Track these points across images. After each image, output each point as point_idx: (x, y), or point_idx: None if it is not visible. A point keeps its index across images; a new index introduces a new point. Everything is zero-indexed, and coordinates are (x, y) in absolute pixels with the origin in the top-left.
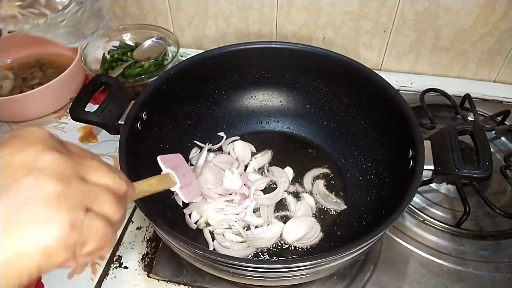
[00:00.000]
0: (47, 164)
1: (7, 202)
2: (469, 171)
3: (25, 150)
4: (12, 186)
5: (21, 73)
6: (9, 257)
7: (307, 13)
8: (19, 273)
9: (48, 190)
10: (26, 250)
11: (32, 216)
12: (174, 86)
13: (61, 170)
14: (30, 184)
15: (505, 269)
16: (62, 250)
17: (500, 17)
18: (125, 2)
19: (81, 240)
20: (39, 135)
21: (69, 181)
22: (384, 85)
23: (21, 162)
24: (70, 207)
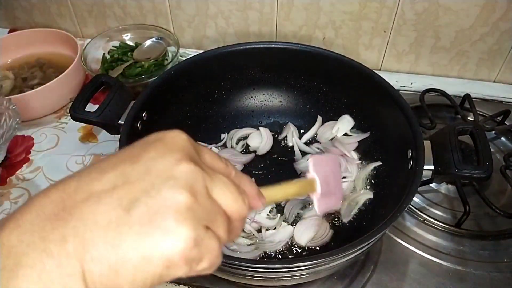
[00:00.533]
0: (183, 173)
1: (143, 208)
2: (469, 171)
3: (166, 156)
4: (150, 193)
5: (21, 73)
6: (138, 260)
7: (307, 13)
8: (145, 277)
9: (179, 201)
10: (152, 257)
11: (162, 226)
12: (174, 86)
13: (193, 181)
14: (166, 193)
15: (505, 269)
16: (182, 264)
17: (500, 17)
18: (125, 2)
19: (198, 257)
20: (180, 141)
21: (197, 194)
22: (384, 85)
23: (161, 169)
24: (195, 223)
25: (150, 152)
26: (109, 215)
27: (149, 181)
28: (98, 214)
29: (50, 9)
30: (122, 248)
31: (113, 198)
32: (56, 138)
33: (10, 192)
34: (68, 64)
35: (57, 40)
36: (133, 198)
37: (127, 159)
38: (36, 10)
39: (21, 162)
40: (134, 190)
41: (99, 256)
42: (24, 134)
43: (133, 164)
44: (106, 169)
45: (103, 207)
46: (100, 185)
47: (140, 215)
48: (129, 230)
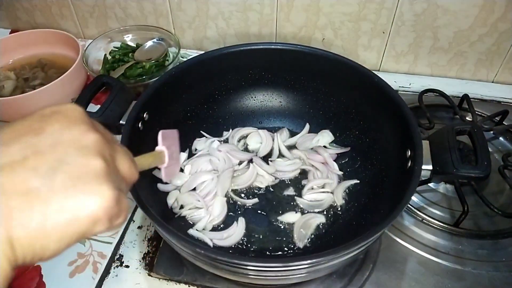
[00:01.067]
0: (93, 142)
1: (64, 175)
2: (467, 171)
3: (72, 128)
4: (66, 161)
5: (23, 74)
6: (65, 220)
7: (306, 14)
8: (71, 235)
9: (97, 166)
10: (79, 216)
11: (86, 189)
12: (175, 87)
13: (102, 149)
14: (81, 160)
15: (504, 268)
16: (105, 219)
17: (499, 18)
18: (126, 3)
19: (117, 213)
20: (80, 113)
21: (108, 161)
22: (383, 86)
23: (70, 139)
24: (113, 185)
25: (54, 125)
26: (28, 183)
27: (62, 151)
28: (16, 183)
29: (52, 10)
30: (48, 211)
31: (27, 167)
32: None
33: None
34: (70, 64)
35: (59, 41)
36: (50, 166)
37: (30, 131)
38: (37, 11)
39: None
40: (49, 159)
41: (25, 222)
42: None
43: (38, 136)
44: (9, 142)
45: (20, 176)
46: (8, 156)
47: (62, 181)
48: (53, 195)
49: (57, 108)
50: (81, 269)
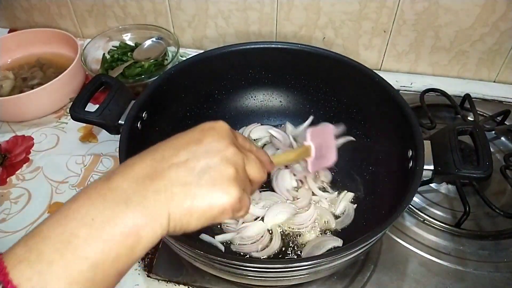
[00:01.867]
0: (230, 154)
1: (209, 176)
2: (469, 171)
3: (220, 141)
4: (212, 166)
5: (21, 73)
6: (204, 207)
7: (307, 13)
8: (206, 218)
9: (230, 173)
10: (213, 206)
11: (221, 188)
12: (174, 86)
13: (236, 160)
14: (221, 167)
15: (505, 269)
16: (230, 211)
17: (500, 17)
18: (125, 2)
19: (239, 207)
20: (226, 130)
21: (239, 169)
22: (384, 85)
23: (217, 150)
24: (239, 187)
25: (208, 138)
26: (186, 178)
27: (211, 158)
28: (180, 177)
29: (50, 9)
30: (195, 199)
31: (187, 167)
32: (56, 138)
33: (10, 192)
34: (68, 64)
35: (57, 40)
36: (201, 168)
37: (192, 142)
38: (36, 10)
39: (21, 162)
40: (202, 163)
41: (181, 203)
42: (24, 134)
43: (198, 145)
44: (179, 147)
45: (182, 173)
46: (178, 158)
47: (207, 179)
48: (200, 188)
49: (213, 125)
50: None
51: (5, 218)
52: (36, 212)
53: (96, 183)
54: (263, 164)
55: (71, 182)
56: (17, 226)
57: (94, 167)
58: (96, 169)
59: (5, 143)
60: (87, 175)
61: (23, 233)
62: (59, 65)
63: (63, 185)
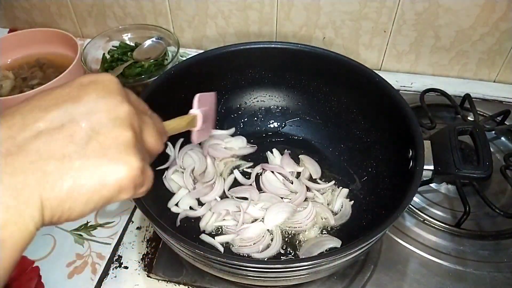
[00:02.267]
0: (125, 114)
1: (96, 143)
2: (469, 171)
3: (107, 98)
4: (99, 130)
5: (21, 73)
6: (93, 186)
7: (307, 13)
8: (97, 199)
9: (127, 137)
10: (106, 183)
11: (116, 158)
12: (174, 86)
13: (133, 121)
14: (113, 131)
15: (505, 269)
16: (131, 188)
17: (500, 17)
18: (125, 2)
19: (142, 182)
20: (115, 84)
21: (137, 132)
22: (384, 85)
23: (105, 109)
24: (140, 156)
25: (91, 94)
26: (63, 150)
27: (96, 120)
28: (53, 149)
29: (50, 9)
30: (79, 176)
31: (63, 134)
32: None
33: None
34: (68, 64)
35: (57, 40)
36: (84, 134)
37: (68, 99)
38: (36, 10)
39: None
40: (84, 128)
41: (57, 185)
42: None
43: (75, 104)
44: (48, 108)
45: (56, 143)
46: (47, 122)
47: (94, 149)
48: (86, 162)
49: (94, 78)
50: (79, 270)
51: None
52: None
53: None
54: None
55: None
56: None
57: None
58: None
59: None
60: None
61: None
62: (59, 65)
63: None
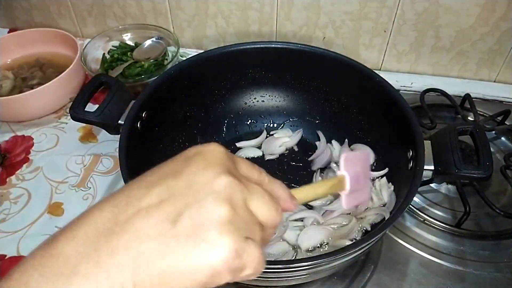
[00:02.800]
0: (222, 187)
1: (188, 221)
2: (469, 171)
3: (206, 170)
4: (193, 207)
5: (21, 73)
6: (185, 270)
7: (307, 13)
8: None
9: (221, 214)
10: (199, 267)
11: (206, 238)
12: (174, 86)
13: (232, 194)
14: (208, 206)
15: (506, 269)
16: (226, 273)
17: (500, 17)
18: (125, 2)
19: (241, 265)
20: (218, 154)
21: (237, 207)
22: (384, 85)
23: (203, 182)
24: (236, 235)
25: (191, 167)
26: (158, 228)
27: (192, 195)
28: (148, 227)
29: (50, 9)
30: (171, 258)
31: (160, 212)
32: (56, 138)
33: (9, 192)
34: (68, 64)
35: (57, 40)
36: (179, 211)
37: (170, 174)
38: (35, 10)
39: (21, 162)
40: (179, 204)
41: (150, 267)
42: (24, 134)
43: (176, 179)
44: (152, 184)
45: (152, 220)
46: (148, 200)
47: (185, 227)
48: (176, 242)
49: (200, 149)
50: None
51: (5, 218)
52: (35, 212)
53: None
54: (276, 200)
55: (71, 182)
56: (17, 226)
57: (94, 167)
58: (96, 169)
59: (5, 143)
60: (87, 175)
61: (23, 233)
62: (59, 65)
63: (63, 185)
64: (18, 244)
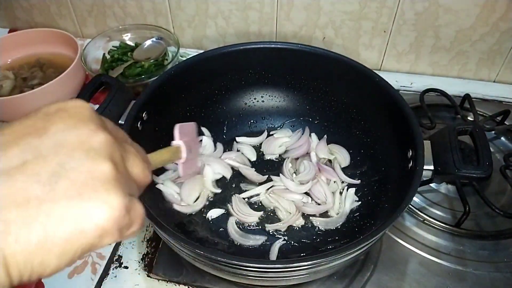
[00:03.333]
0: (101, 144)
1: (68, 181)
2: (469, 171)
3: (78, 127)
4: (70, 165)
5: (21, 73)
6: (69, 233)
7: (307, 13)
8: (75, 249)
9: (105, 171)
10: (84, 228)
11: (93, 197)
12: (174, 86)
13: (112, 151)
14: (88, 164)
15: (505, 269)
16: (115, 231)
17: (500, 17)
18: (125, 2)
19: (129, 222)
20: (87, 110)
21: (118, 164)
22: (384, 85)
23: (76, 141)
24: (124, 192)
25: (58, 124)
26: (27, 192)
27: (66, 154)
28: (14, 192)
29: (50, 9)
30: (49, 223)
31: (27, 174)
32: None
33: None
34: (68, 64)
35: (57, 40)
36: (52, 172)
37: (32, 132)
38: (36, 10)
39: None
40: (51, 164)
41: (23, 236)
42: None
43: (41, 137)
44: (7, 145)
45: (18, 185)
46: (6, 162)
47: (65, 188)
48: (55, 205)
49: (63, 105)
50: (80, 270)
51: None
52: None
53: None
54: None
55: None
56: None
57: None
58: None
59: None
60: None
61: None
62: (59, 65)
63: None
64: None
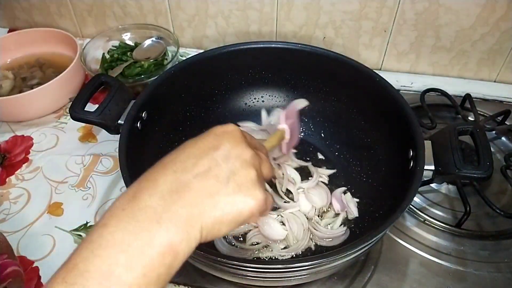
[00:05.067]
0: (249, 157)
1: (234, 182)
2: (470, 171)
3: (237, 146)
4: (235, 172)
5: (20, 73)
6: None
7: (307, 12)
8: (235, 223)
9: (253, 176)
10: (242, 211)
11: (247, 192)
12: (174, 86)
13: (255, 162)
14: (244, 172)
15: (506, 269)
16: (257, 213)
17: (501, 17)
18: (125, 2)
19: (265, 208)
20: (239, 133)
21: (258, 170)
22: (384, 85)
23: (236, 155)
24: (263, 189)
25: (225, 143)
26: (213, 187)
27: (232, 164)
28: (206, 187)
29: (50, 9)
30: (225, 207)
31: (212, 175)
32: (56, 138)
33: (9, 192)
34: (68, 64)
35: (57, 39)
36: (225, 175)
37: (211, 148)
38: (35, 9)
39: (21, 162)
40: (224, 170)
41: (212, 214)
42: (24, 134)
43: (217, 151)
44: (200, 156)
45: (209, 182)
46: (200, 167)
47: (233, 186)
48: (228, 197)
49: (225, 129)
50: None
51: (5, 218)
52: (35, 212)
53: (121, 203)
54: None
55: (71, 182)
56: (17, 226)
57: (93, 167)
58: (96, 169)
59: (5, 143)
60: (87, 175)
61: (23, 233)
62: (59, 65)
63: (63, 185)
64: (18, 244)
